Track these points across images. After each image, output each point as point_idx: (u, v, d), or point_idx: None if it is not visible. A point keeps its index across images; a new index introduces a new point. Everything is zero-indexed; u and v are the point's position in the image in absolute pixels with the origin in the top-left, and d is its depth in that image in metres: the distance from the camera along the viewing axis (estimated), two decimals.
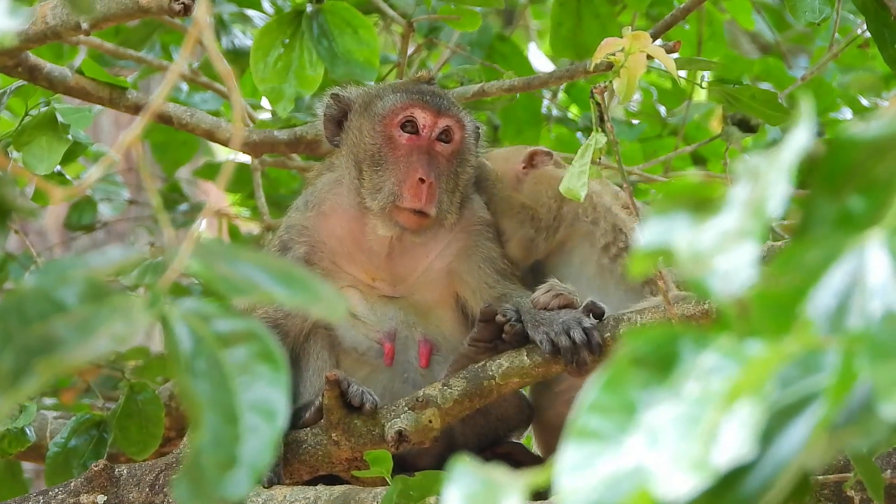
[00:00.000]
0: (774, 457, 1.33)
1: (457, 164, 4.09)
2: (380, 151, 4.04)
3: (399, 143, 4.03)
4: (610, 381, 1.34)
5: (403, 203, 3.97)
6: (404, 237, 4.04)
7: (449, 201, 4.05)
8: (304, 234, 4.14)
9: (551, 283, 4.01)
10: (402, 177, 3.99)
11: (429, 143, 4.04)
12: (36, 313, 1.53)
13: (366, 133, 4.06)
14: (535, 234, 4.18)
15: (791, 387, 1.34)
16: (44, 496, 4.01)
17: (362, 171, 4.04)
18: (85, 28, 4.16)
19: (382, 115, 4.05)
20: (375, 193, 4.01)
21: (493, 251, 4.13)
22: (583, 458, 1.30)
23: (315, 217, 4.15)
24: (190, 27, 5.17)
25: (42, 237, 7.71)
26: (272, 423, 1.49)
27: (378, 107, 4.07)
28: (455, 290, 4.14)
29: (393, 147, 4.03)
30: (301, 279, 1.64)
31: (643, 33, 3.51)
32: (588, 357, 3.77)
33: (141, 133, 1.82)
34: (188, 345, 1.55)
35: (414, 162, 3.99)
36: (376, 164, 4.03)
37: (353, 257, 4.11)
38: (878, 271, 1.37)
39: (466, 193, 4.16)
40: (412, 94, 4.08)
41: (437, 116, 4.05)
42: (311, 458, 3.98)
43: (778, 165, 1.41)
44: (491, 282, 4.09)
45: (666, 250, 1.42)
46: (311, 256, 4.13)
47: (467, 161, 4.13)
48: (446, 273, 4.13)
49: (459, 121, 4.09)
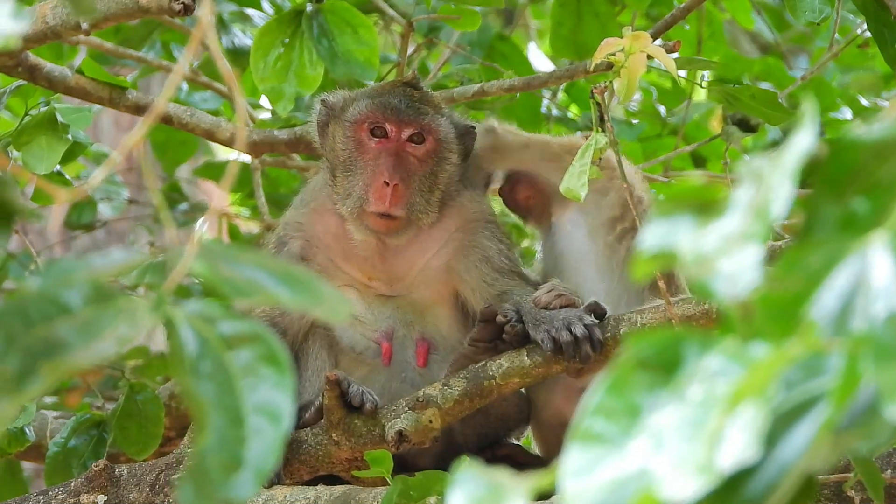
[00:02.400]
0: (779, 459, 1.33)
1: (433, 163, 4.09)
2: (350, 156, 4.07)
3: (368, 147, 4.05)
4: (614, 384, 1.35)
5: (369, 207, 3.99)
6: (385, 240, 4.05)
7: (425, 201, 4.05)
8: (300, 230, 4.16)
9: (553, 282, 4.02)
10: (368, 181, 4.01)
11: (398, 145, 4.05)
12: (40, 315, 1.53)
13: (338, 139, 4.10)
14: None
15: (795, 389, 1.34)
16: (44, 496, 4.01)
17: (336, 177, 4.08)
18: (85, 28, 4.16)
19: (352, 121, 4.08)
20: (346, 199, 4.04)
21: (490, 249, 4.13)
22: (587, 462, 1.30)
23: (309, 214, 4.17)
24: (193, 27, 5.17)
25: (42, 236, 7.71)
26: (277, 425, 1.49)
27: (348, 113, 4.10)
28: (453, 287, 4.15)
29: (362, 151, 4.06)
30: (304, 280, 1.64)
31: (643, 33, 3.51)
32: (590, 351, 3.77)
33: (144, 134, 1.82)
34: (193, 347, 1.55)
35: (380, 165, 4.01)
36: (347, 170, 4.06)
37: (349, 257, 4.12)
38: (882, 273, 1.37)
39: (450, 191, 4.15)
40: (379, 100, 4.09)
41: (401, 123, 4.05)
42: (312, 458, 3.98)
43: (781, 168, 1.41)
44: (489, 279, 4.09)
45: (669, 253, 1.42)
46: (306, 252, 4.14)
47: (446, 159, 4.12)
48: (444, 271, 4.14)
49: (427, 124, 4.09)
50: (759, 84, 5.93)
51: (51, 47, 5.43)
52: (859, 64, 6.29)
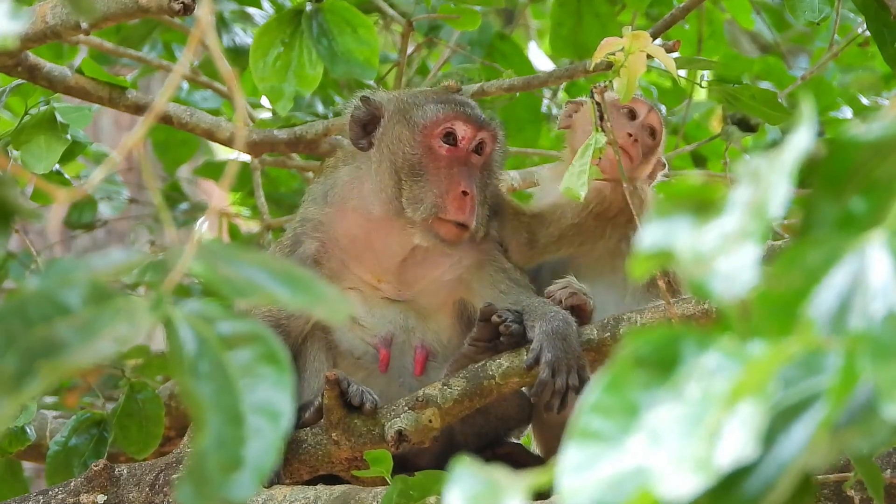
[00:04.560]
0: (776, 457, 1.33)
1: (487, 175, 4.07)
2: (420, 161, 4.00)
3: (439, 154, 4.00)
4: (612, 381, 1.35)
5: (447, 215, 3.94)
6: (435, 247, 4.02)
7: (482, 213, 4.04)
8: (319, 230, 4.12)
9: (569, 279, 4.01)
10: (444, 189, 3.96)
11: (466, 154, 4.02)
12: (39, 315, 1.53)
13: (405, 142, 4.02)
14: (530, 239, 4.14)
15: (793, 387, 1.34)
16: (44, 496, 4.01)
17: (401, 181, 4.00)
18: (85, 27, 4.16)
19: (423, 124, 4.01)
20: (417, 204, 3.97)
21: (506, 263, 4.13)
22: (585, 459, 1.30)
23: (332, 213, 4.13)
24: (193, 27, 5.18)
25: (42, 236, 7.71)
26: (276, 425, 1.49)
27: (418, 116, 4.04)
28: (460, 296, 4.13)
29: (433, 158, 4.00)
30: (303, 280, 1.64)
31: (643, 33, 3.51)
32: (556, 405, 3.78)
33: (144, 133, 1.82)
34: (192, 347, 1.55)
35: (455, 174, 3.97)
36: (416, 175, 3.99)
37: (363, 258, 4.10)
38: (880, 272, 1.37)
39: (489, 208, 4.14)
40: (453, 106, 4.05)
41: (477, 130, 4.03)
42: (311, 457, 3.98)
43: (779, 167, 1.41)
44: (504, 288, 4.07)
45: (667, 252, 1.42)
46: (320, 255, 4.11)
47: (494, 173, 4.12)
48: (456, 282, 4.12)
49: (495, 134, 4.08)
50: (759, 84, 5.93)
51: (50, 47, 5.44)
52: (859, 63, 6.29)
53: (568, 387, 3.77)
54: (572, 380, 3.78)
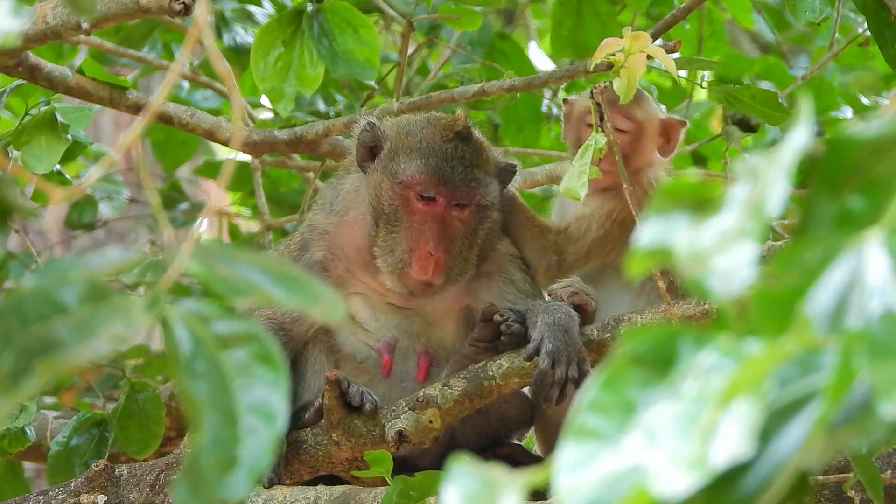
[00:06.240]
0: (772, 456, 1.33)
1: (475, 223, 4.04)
2: (396, 212, 3.99)
3: (415, 207, 3.98)
4: (609, 379, 1.35)
5: (411, 272, 3.96)
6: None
7: (464, 260, 4.02)
8: (325, 239, 4.12)
9: (572, 279, 4.02)
10: (412, 245, 3.95)
11: (444, 211, 4.00)
12: (36, 314, 1.53)
13: (385, 190, 4.01)
14: (560, 260, 4.12)
15: (789, 386, 1.34)
16: (44, 496, 4.01)
17: (378, 226, 4.01)
18: (85, 28, 4.16)
19: (402, 180, 3.99)
20: (386, 255, 3.99)
21: (515, 274, 4.11)
22: (581, 457, 1.30)
23: (337, 223, 4.13)
24: (190, 27, 5.18)
25: (42, 236, 7.71)
26: (271, 425, 1.49)
27: (400, 169, 4.00)
28: (467, 304, 4.12)
29: (409, 211, 3.98)
30: (300, 281, 1.64)
31: (643, 33, 3.51)
32: (555, 396, 3.78)
33: (141, 133, 1.82)
34: (188, 346, 1.55)
35: (426, 232, 3.95)
36: (391, 224, 3.99)
37: (368, 267, 4.08)
38: (877, 271, 1.37)
39: (490, 241, 4.11)
40: (432, 166, 3.99)
41: (451, 195, 3.99)
42: (312, 458, 3.98)
43: (777, 165, 1.41)
44: (511, 298, 4.06)
45: (665, 250, 1.42)
46: (327, 262, 4.11)
47: (488, 217, 4.08)
48: (464, 292, 4.12)
49: (478, 193, 4.02)
50: (759, 84, 5.93)
51: (51, 47, 5.44)
52: (860, 63, 6.29)
53: (567, 378, 3.77)
54: (572, 371, 3.78)
